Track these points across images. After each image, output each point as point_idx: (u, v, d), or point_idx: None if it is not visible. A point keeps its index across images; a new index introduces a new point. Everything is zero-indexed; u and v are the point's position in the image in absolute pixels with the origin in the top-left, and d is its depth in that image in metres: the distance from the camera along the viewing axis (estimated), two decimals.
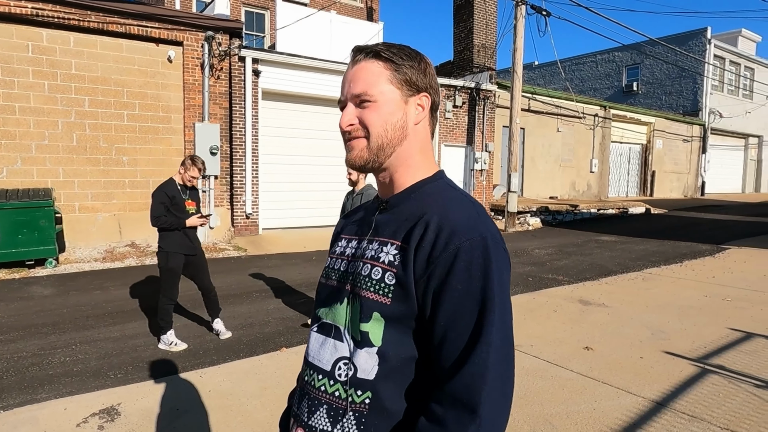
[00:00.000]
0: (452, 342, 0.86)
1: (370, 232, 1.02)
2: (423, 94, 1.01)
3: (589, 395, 3.45)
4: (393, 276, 0.91)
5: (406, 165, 1.01)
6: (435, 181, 1.02)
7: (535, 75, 29.40)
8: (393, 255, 0.92)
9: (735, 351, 4.27)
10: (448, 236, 0.87)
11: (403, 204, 1.00)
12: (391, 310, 0.90)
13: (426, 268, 0.88)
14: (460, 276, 0.86)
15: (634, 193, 21.66)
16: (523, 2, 12.06)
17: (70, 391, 3.56)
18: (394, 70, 0.98)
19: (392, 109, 0.98)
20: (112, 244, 8.78)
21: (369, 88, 0.97)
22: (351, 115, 0.99)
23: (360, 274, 0.95)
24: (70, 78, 8.46)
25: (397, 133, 0.99)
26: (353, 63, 1.01)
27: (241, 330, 4.91)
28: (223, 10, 10.27)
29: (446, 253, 0.86)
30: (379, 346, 0.91)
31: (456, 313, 0.86)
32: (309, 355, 1.03)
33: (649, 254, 9.13)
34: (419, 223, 0.92)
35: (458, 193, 0.99)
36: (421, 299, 0.89)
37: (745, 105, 25.91)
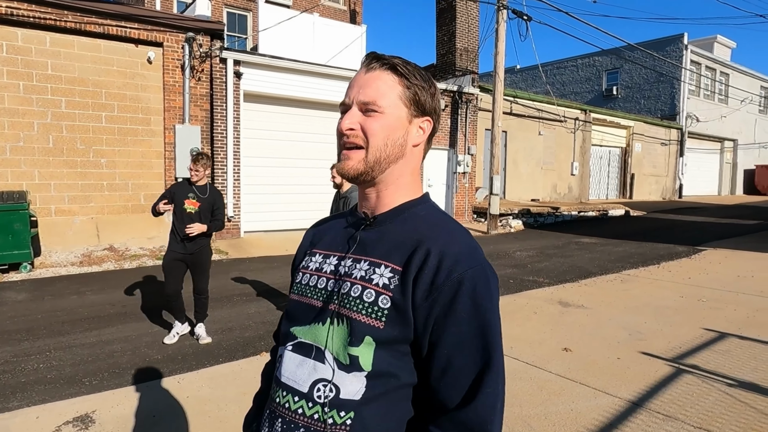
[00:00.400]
0: (459, 370, 0.87)
1: (353, 248, 0.98)
2: (427, 118, 1.01)
3: (567, 396, 3.49)
4: (388, 299, 0.89)
5: (396, 184, 1.00)
6: (423, 203, 1.01)
7: (517, 79, 29.72)
8: (388, 278, 0.91)
9: (709, 351, 4.36)
10: (452, 264, 0.88)
11: (391, 223, 0.98)
12: (385, 335, 0.88)
13: (429, 294, 0.87)
14: (464, 303, 0.87)
15: (614, 195, 22.02)
16: (505, 7, 12.19)
17: (43, 398, 3.48)
18: (406, 87, 0.97)
19: (396, 125, 0.97)
20: (90, 248, 8.62)
21: (379, 98, 0.95)
22: (354, 119, 0.97)
23: (349, 294, 0.92)
24: (46, 78, 8.30)
25: (395, 150, 0.97)
26: (367, 69, 0.98)
27: (220, 334, 4.86)
28: (204, 11, 10.18)
29: (450, 280, 0.87)
30: (368, 371, 0.89)
31: (462, 341, 0.87)
32: (282, 375, 0.98)
33: (628, 256, 9.28)
34: (419, 249, 0.91)
35: (450, 219, 1.00)
36: (421, 326, 0.88)
37: (720, 109, 26.55)
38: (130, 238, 9.11)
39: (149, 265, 8.18)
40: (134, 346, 4.51)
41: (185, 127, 9.44)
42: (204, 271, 4.66)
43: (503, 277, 7.38)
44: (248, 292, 6.47)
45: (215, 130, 9.87)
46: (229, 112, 9.96)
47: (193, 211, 4.51)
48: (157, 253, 8.89)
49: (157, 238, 9.39)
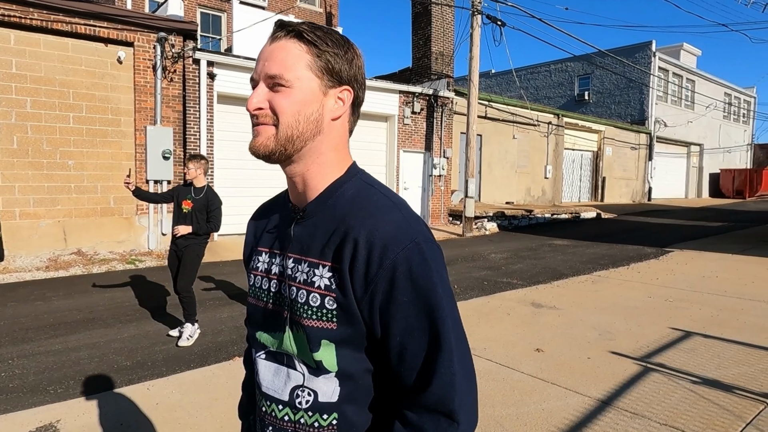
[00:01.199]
0: (413, 355, 0.84)
1: (290, 246, 0.94)
2: (345, 87, 0.91)
3: (539, 396, 3.55)
4: (333, 300, 0.86)
5: (317, 163, 0.92)
6: (349, 181, 0.93)
7: (492, 83, 30.12)
8: (328, 278, 0.87)
9: (675, 349, 4.49)
10: (381, 251, 0.83)
11: (320, 213, 0.92)
12: (339, 334, 0.87)
13: (366, 287, 0.84)
14: (403, 288, 0.83)
15: (586, 198, 22.48)
16: (479, 12, 12.34)
17: (4, 408, 3.36)
18: (316, 55, 0.88)
19: (308, 99, 0.88)
20: (57, 252, 8.37)
21: (285, 71, 0.86)
22: (261, 96, 0.88)
23: (297, 301, 0.89)
24: (10, 78, 8.05)
25: (310, 126, 0.89)
26: (272, 39, 0.90)
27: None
28: (177, 11, 10.02)
29: (383, 268, 0.82)
30: (336, 371, 0.88)
31: (409, 326, 0.84)
32: (262, 385, 0.97)
33: (599, 257, 9.48)
34: (347, 240, 0.85)
35: (379, 194, 0.91)
36: (368, 318, 0.86)
37: (687, 115, 27.39)
38: (99, 241, 8.89)
39: (119, 270, 7.99)
40: (102, 353, 4.40)
41: (157, 129, 9.26)
42: (185, 269, 4.68)
43: (477, 279, 7.45)
44: (220, 297, 6.38)
45: (188, 131, 9.71)
46: (203, 113, 9.82)
47: (187, 211, 4.64)
48: (126, 257, 8.69)
49: (127, 241, 9.19)
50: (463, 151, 13.97)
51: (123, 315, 5.54)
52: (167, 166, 9.40)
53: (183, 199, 4.68)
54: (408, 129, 13.51)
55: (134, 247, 9.23)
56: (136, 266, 8.25)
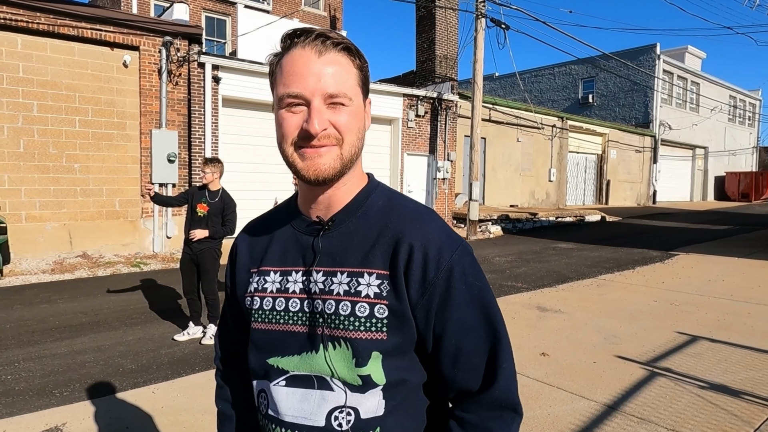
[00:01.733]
0: (471, 354, 0.85)
1: (317, 260, 0.89)
2: (369, 98, 0.92)
3: (545, 400, 3.53)
4: (385, 308, 0.84)
5: (352, 177, 0.91)
6: (374, 191, 0.93)
7: (496, 86, 30.12)
8: (377, 285, 0.84)
9: (681, 354, 4.46)
10: (437, 255, 0.84)
11: (351, 222, 0.89)
12: (390, 344, 0.84)
13: (423, 291, 0.84)
14: (458, 289, 0.84)
15: (590, 201, 22.42)
16: (483, 15, 12.36)
17: (10, 411, 3.37)
18: (359, 68, 0.87)
19: (361, 115, 0.88)
20: (62, 255, 8.41)
21: (345, 89, 0.83)
22: (323, 117, 0.82)
23: (338, 314, 0.85)
24: (17, 81, 8.10)
25: (361, 143, 0.89)
26: (319, 51, 0.83)
27: (196, 343, 4.77)
28: (182, 16, 10.08)
29: (441, 271, 0.84)
30: (383, 384, 0.85)
31: (463, 326, 0.85)
32: (284, 415, 0.88)
33: (604, 261, 9.44)
34: (401, 246, 0.85)
35: (410, 202, 0.93)
36: (423, 323, 0.85)
37: (692, 118, 27.31)
38: (104, 244, 8.92)
39: (124, 273, 8.02)
40: (107, 356, 4.40)
41: (162, 132, 9.30)
42: (207, 273, 4.78)
43: None
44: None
45: (193, 135, 9.75)
46: (207, 117, 9.85)
47: (202, 214, 4.68)
48: (131, 259, 8.72)
49: (132, 244, 9.22)
50: (467, 155, 13.97)
51: (128, 318, 5.55)
52: (172, 169, 9.44)
53: (198, 203, 4.71)
54: (412, 132, 13.52)
55: (139, 250, 9.26)
56: (141, 269, 8.28)
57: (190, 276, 4.83)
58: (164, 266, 8.47)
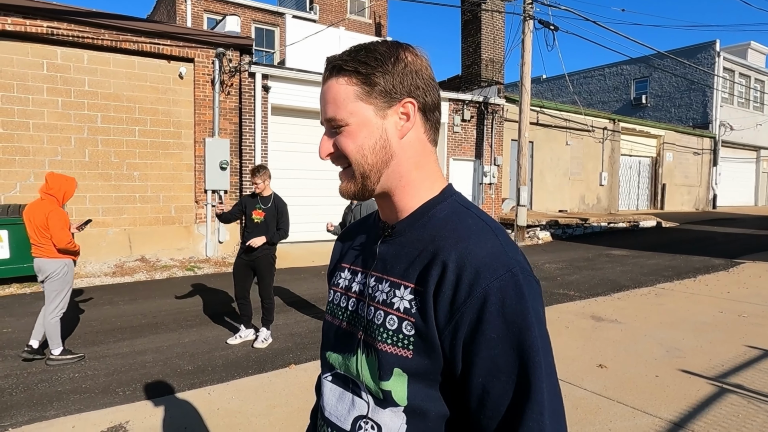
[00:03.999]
0: (495, 401, 0.74)
1: (374, 265, 0.89)
2: (406, 100, 0.85)
3: (604, 415, 3.38)
4: (411, 326, 0.79)
5: (401, 186, 0.87)
6: (444, 201, 0.88)
7: (543, 88, 29.45)
8: (408, 300, 0.81)
9: (753, 369, 4.17)
10: (472, 277, 0.75)
11: (410, 233, 0.87)
12: (414, 365, 0.79)
13: (451, 316, 0.76)
14: (493, 322, 0.74)
15: (644, 206, 21.49)
16: (531, 17, 12.12)
17: (78, 408, 3.54)
18: (363, 82, 0.83)
19: (367, 130, 0.84)
20: (123, 259, 8.82)
21: (337, 112, 0.84)
22: (327, 143, 0.88)
23: (373, 322, 0.84)
24: (83, 95, 8.59)
25: (378, 156, 0.85)
26: (323, 80, 0.88)
27: (248, 347, 4.88)
28: (234, 28, 10.42)
29: (473, 297, 0.74)
30: (405, 405, 0.81)
31: (494, 367, 0.74)
32: (325, 409, 0.92)
33: (661, 269, 9.01)
34: (435, 262, 0.79)
35: (475, 217, 0.85)
36: (449, 352, 0.77)
37: (756, 117, 25.75)
38: (161, 249, 9.29)
39: (179, 276, 8.32)
40: (165, 357, 4.57)
41: (215, 140, 9.62)
42: (263, 278, 4.91)
43: None
44: (276, 304, 6.50)
45: (244, 142, 10.03)
46: (257, 125, 10.12)
47: (260, 221, 4.80)
48: (186, 263, 9.04)
49: (186, 249, 9.56)
50: (515, 159, 13.70)
51: (184, 320, 5.75)
52: (224, 176, 9.74)
53: (253, 210, 4.83)
54: (458, 137, 13.40)
55: (193, 254, 9.60)
56: (195, 273, 8.56)
57: (243, 281, 4.94)
58: (217, 270, 8.73)
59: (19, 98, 8.11)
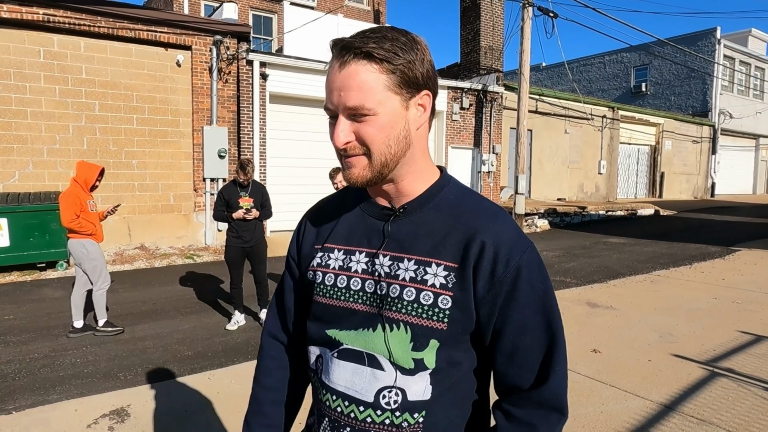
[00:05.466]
0: (527, 353, 0.88)
1: (383, 244, 0.92)
2: (425, 92, 0.88)
3: (597, 398, 3.45)
4: (449, 299, 0.86)
5: (410, 172, 0.92)
6: (447, 185, 0.95)
7: (543, 76, 29.32)
8: (444, 276, 0.87)
9: (745, 354, 4.24)
10: (508, 254, 0.87)
11: (422, 213, 0.92)
12: (449, 334, 0.88)
13: (490, 287, 0.87)
14: (524, 290, 0.87)
15: (642, 194, 21.53)
16: (530, 4, 12.05)
17: (80, 392, 3.60)
18: (391, 71, 0.83)
19: (394, 120, 0.85)
20: (122, 247, 8.86)
21: (365, 101, 0.82)
22: (347, 131, 0.85)
23: (402, 299, 0.88)
24: (80, 83, 8.57)
25: (401, 145, 0.87)
26: (340, 64, 0.84)
27: (248, 332, 4.94)
28: (231, 15, 10.35)
29: (509, 270, 0.87)
30: (432, 368, 0.89)
31: (524, 326, 0.88)
32: (335, 384, 0.94)
33: (658, 256, 9.07)
34: (473, 242, 0.87)
35: (485, 200, 0.96)
36: (485, 318, 0.88)
37: (755, 105, 25.69)
38: (160, 237, 9.33)
39: (178, 264, 8.37)
40: (165, 343, 4.63)
41: (213, 129, 9.61)
42: (261, 262, 5.10)
43: None
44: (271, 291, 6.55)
45: (242, 130, 10.02)
46: (255, 113, 10.10)
47: (249, 206, 4.97)
48: (185, 251, 9.08)
49: (185, 237, 9.60)
50: (513, 147, 13.70)
51: (183, 307, 5.80)
52: (223, 164, 9.75)
53: (239, 198, 4.96)
54: (456, 125, 13.38)
55: (192, 242, 9.64)
56: (194, 261, 8.61)
57: (240, 267, 5.05)
58: (216, 258, 8.78)
59: (17, 86, 8.09)
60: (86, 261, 4.72)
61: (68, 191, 4.64)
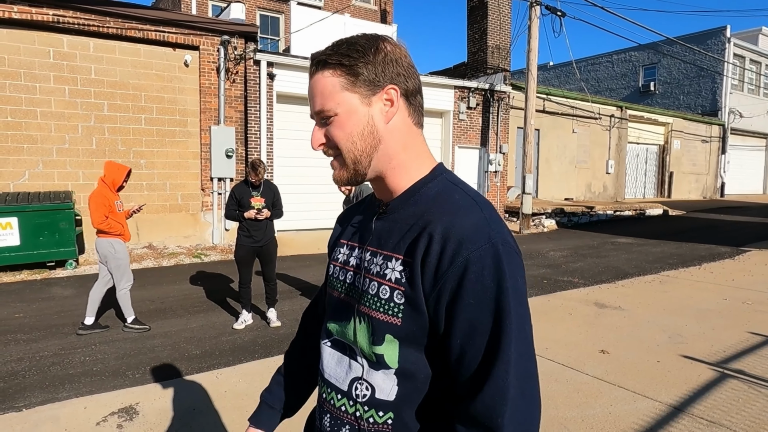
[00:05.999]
0: (470, 360, 0.81)
1: (369, 240, 0.96)
2: (389, 87, 0.90)
3: (605, 399, 3.42)
4: (401, 294, 0.86)
5: (391, 167, 0.93)
6: (434, 180, 0.93)
7: (550, 76, 29.19)
8: (399, 271, 0.87)
9: (755, 355, 4.20)
10: (455, 247, 0.81)
11: (402, 209, 0.93)
12: (404, 331, 0.86)
13: (435, 283, 0.83)
14: (472, 289, 0.80)
15: (651, 194, 21.38)
16: (538, 3, 12.00)
17: (90, 390, 3.63)
18: (346, 74, 0.89)
19: (355, 118, 0.90)
20: (130, 246, 8.90)
21: (325, 104, 0.90)
22: (318, 134, 0.94)
23: (367, 292, 0.91)
24: (89, 83, 8.63)
25: (367, 141, 0.90)
26: (310, 76, 0.94)
27: (255, 331, 4.96)
28: (239, 15, 10.38)
29: (455, 265, 0.81)
30: (396, 368, 0.88)
31: (471, 329, 0.81)
32: (325, 372, 1.00)
33: (667, 256, 9.00)
34: (423, 234, 0.85)
35: (462, 192, 0.91)
36: (433, 315, 0.84)
37: (766, 104, 25.43)
38: (168, 236, 9.38)
39: (186, 263, 8.41)
40: (174, 342, 4.65)
41: (220, 128, 9.65)
42: (272, 261, 5.12)
43: (536, 278, 7.27)
44: (281, 290, 6.57)
45: (249, 130, 10.06)
46: (263, 112, 10.13)
47: (261, 206, 4.99)
48: (193, 251, 9.12)
49: (192, 236, 9.65)
50: (520, 147, 13.65)
51: (191, 306, 5.83)
52: (230, 164, 9.79)
53: (251, 198, 4.97)
54: (463, 124, 13.35)
55: (200, 242, 9.68)
56: (202, 260, 8.65)
57: (250, 266, 5.06)
58: (223, 257, 8.82)
59: (26, 86, 8.16)
60: (112, 259, 4.88)
61: (96, 192, 4.74)
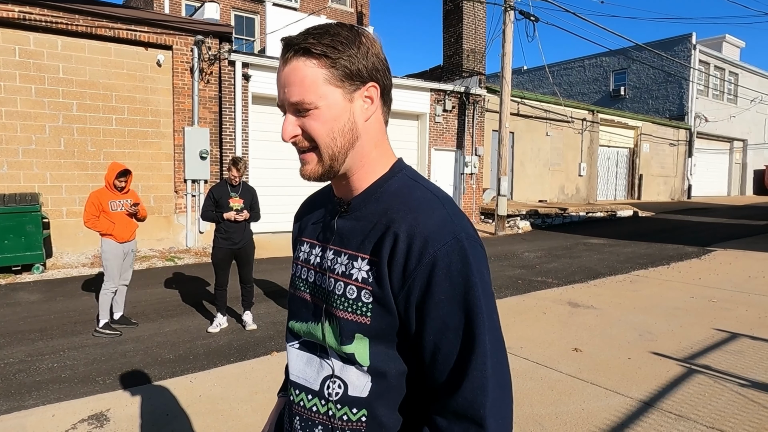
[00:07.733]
0: (445, 355, 0.81)
1: (333, 239, 0.93)
2: (370, 84, 0.88)
3: (578, 396, 3.49)
4: (369, 294, 0.85)
5: (361, 165, 0.91)
6: (394, 177, 0.92)
7: (524, 79, 29.67)
8: (366, 271, 0.86)
9: (721, 351, 4.34)
10: (421, 245, 0.81)
11: (364, 207, 0.91)
12: (373, 329, 0.85)
13: (403, 282, 0.82)
14: (441, 285, 0.80)
15: (622, 196, 21.91)
16: (512, 8, 12.18)
17: (58, 397, 3.52)
18: (331, 66, 0.84)
19: (337, 113, 0.86)
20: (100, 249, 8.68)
21: (305, 95, 0.84)
22: (292, 125, 0.88)
23: (334, 292, 0.89)
24: (57, 82, 8.40)
25: (346, 137, 0.87)
26: (284, 61, 0.87)
27: (230, 335, 4.89)
28: (213, 15, 10.26)
29: (422, 263, 0.81)
30: (368, 365, 0.87)
31: (444, 325, 0.81)
32: (292, 374, 0.98)
33: (637, 257, 9.23)
34: (388, 234, 0.84)
35: (423, 189, 0.90)
36: (403, 314, 0.84)
37: (729, 109, 26.37)
38: (140, 239, 9.14)
39: (159, 266, 8.24)
40: (146, 346, 4.55)
41: (194, 129, 9.51)
42: (249, 263, 5.05)
43: (511, 278, 7.37)
44: (257, 293, 6.50)
45: (224, 132, 9.93)
46: (238, 114, 10.02)
47: (240, 207, 4.93)
48: (166, 254, 8.95)
49: (166, 239, 9.46)
50: (495, 149, 13.83)
51: (164, 310, 5.72)
52: (204, 165, 9.64)
53: (230, 198, 4.91)
54: (439, 127, 13.45)
55: (173, 245, 9.51)
56: (175, 263, 8.49)
57: (227, 269, 5.00)
58: (197, 260, 8.68)
59: None
60: (102, 259, 4.96)
61: (93, 192, 4.92)
